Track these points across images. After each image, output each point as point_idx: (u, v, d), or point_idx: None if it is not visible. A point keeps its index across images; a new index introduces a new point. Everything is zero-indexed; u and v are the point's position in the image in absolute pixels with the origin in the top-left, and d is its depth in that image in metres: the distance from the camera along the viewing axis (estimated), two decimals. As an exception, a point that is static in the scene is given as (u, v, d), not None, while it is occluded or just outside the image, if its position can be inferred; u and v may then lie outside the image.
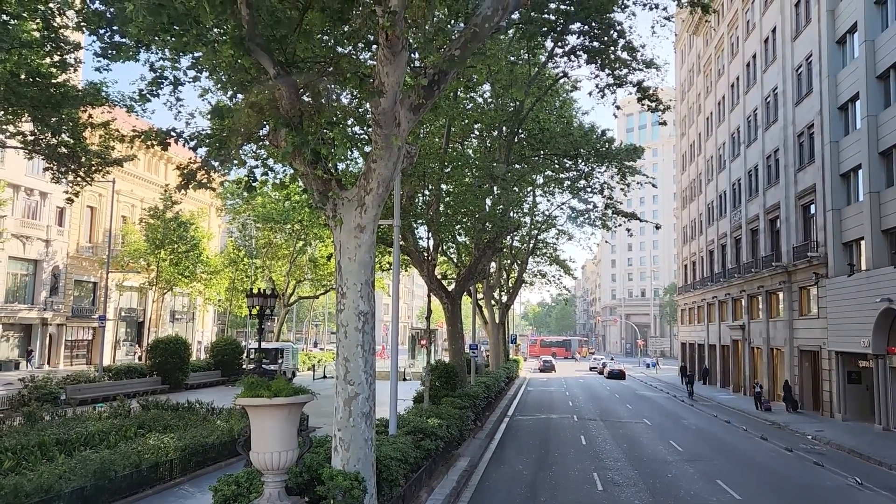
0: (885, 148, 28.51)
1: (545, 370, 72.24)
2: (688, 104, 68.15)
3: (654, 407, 38.40)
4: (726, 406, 39.90)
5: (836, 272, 32.21)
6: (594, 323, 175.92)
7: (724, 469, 19.77)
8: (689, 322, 65.43)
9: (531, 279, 56.70)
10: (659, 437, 25.90)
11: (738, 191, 49.15)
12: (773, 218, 41.71)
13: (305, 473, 10.03)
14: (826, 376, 33.58)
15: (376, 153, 10.35)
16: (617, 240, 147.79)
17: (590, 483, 17.22)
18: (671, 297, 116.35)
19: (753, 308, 45.74)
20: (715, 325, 54.86)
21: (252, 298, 27.17)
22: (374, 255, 10.75)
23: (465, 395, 23.03)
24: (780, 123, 40.42)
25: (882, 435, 26.97)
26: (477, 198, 20.87)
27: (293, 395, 7.99)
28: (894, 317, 27.31)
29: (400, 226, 14.88)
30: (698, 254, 61.67)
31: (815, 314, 34.97)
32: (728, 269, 50.31)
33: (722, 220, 53.32)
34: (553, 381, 59.65)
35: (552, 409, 34.89)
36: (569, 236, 51.76)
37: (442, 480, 15.84)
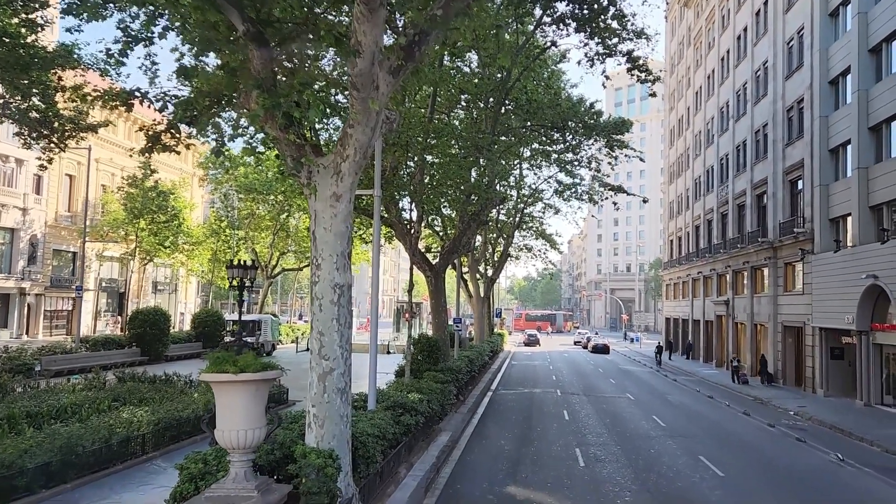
0: (875, 123, 28.22)
1: (530, 344, 72.37)
2: (677, 78, 67.56)
3: (637, 382, 38.43)
4: (709, 381, 40.00)
5: (823, 248, 32.10)
6: (579, 297, 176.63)
7: (707, 445, 19.66)
8: (674, 297, 65.59)
9: (517, 253, 56.44)
10: (642, 412, 25.82)
11: (726, 166, 48.88)
12: (760, 193, 41.51)
13: (277, 451, 9.66)
14: (809, 352, 33.64)
15: (353, 118, 9.84)
16: (603, 214, 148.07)
17: (572, 459, 17.02)
18: (656, 272, 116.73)
19: (738, 284, 45.75)
20: (699, 301, 54.96)
21: (232, 270, 26.69)
22: (350, 225, 10.29)
23: (448, 370, 22.75)
24: (769, 98, 40.03)
25: (863, 411, 27.05)
26: (462, 168, 20.37)
27: (261, 370, 7.57)
28: (878, 293, 27.24)
29: (381, 196, 14.39)
30: (684, 229, 61.60)
31: (800, 290, 34.94)
32: (714, 244, 50.24)
33: (709, 195, 53.13)
34: (537, 355, 59.74)
35: (536, 384, 34.79)
36: (555, 210, 51.38)
37: (422, 456, 15.57)
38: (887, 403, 27.41)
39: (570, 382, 36.24)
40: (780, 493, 14.70)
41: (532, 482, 14.64)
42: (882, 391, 27.75)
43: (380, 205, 14.34)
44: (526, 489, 14.08)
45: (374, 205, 14.42)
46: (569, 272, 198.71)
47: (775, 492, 14.75)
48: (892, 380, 27.54)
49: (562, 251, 57.06)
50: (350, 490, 9.95)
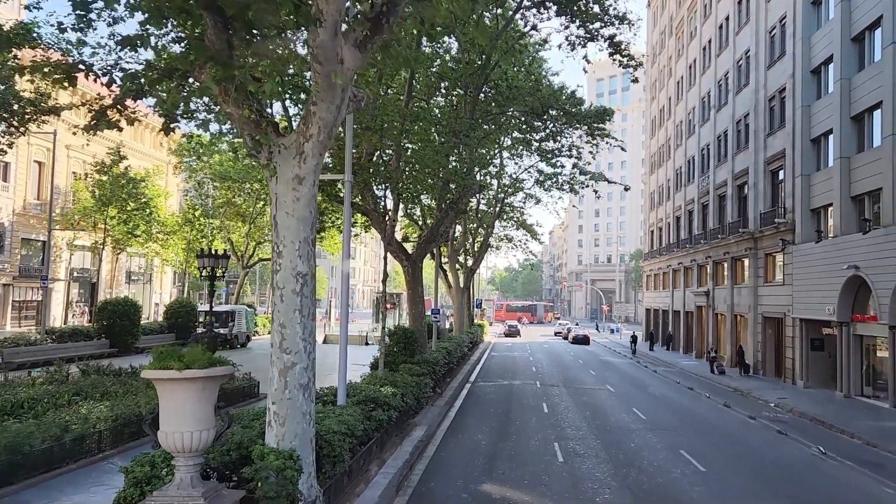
0: (857, 112, 27.93)
1: (510, 335, 72.06)
2: (659, 68, 67.25)
3: (617, 373, 38.13)
4: (689, 372, 39.82)
5: (804, 239, 31.88)
6: (560, 288, 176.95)
7: (688, 438, 19.28)
8: (655, 288, 65.50)
9: (497, 243, 55.96)
10: (622, 405, 25.43)
11: (707, 156, 48.63)
12: (741, 184, 41.28)
13: (234, 451, 9.02)
14: (789, 343, 33.48)
15: (317, 94, 9.16)
16: (584, 205, 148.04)
17: (550, 454, 16.52)
18: (637, 263, 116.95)
19: (718, 274, 45.60)
20: (680, 291, 54.84)
21: (203, 259, 25.90)
22: (314, 210, 9.63)
23: (425, 362, 22.16)
24: (751, 87, 39.73)
25: (843, 402, 26.88)
26: (440, 155, 19.71)
27: (209, 366, 6.92)
28: (859, 284, 27.03)
29: (353, 182, 13.71)
30: (665, 220, 61.43)
31: (781, 281, 34.76)
32: (694, 235, 50.05)
33: (690, 185, 52.90)
34: (517, 345, 59.40)
35: (515, 375, 34.34)
36: (536, 200, 50.87)
37: (395, 452, 14.98)
38: (867, 395, 27.27)
39: (550, 374, 35.84)
40: (763, 488, 14.30)
41: (509, 479, 14.11)
42: (862, 382, 27.60)
43: (351, 190, 13.66)
44: (502, 487, 13.54)
45: (345, 190, 13.75)
46: (550, 263, 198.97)
47: (758, 487, 14.35)
48: (873, 371, 27.39)
49: (542, 241, 56.68)
50: (313, 492, 9.34)
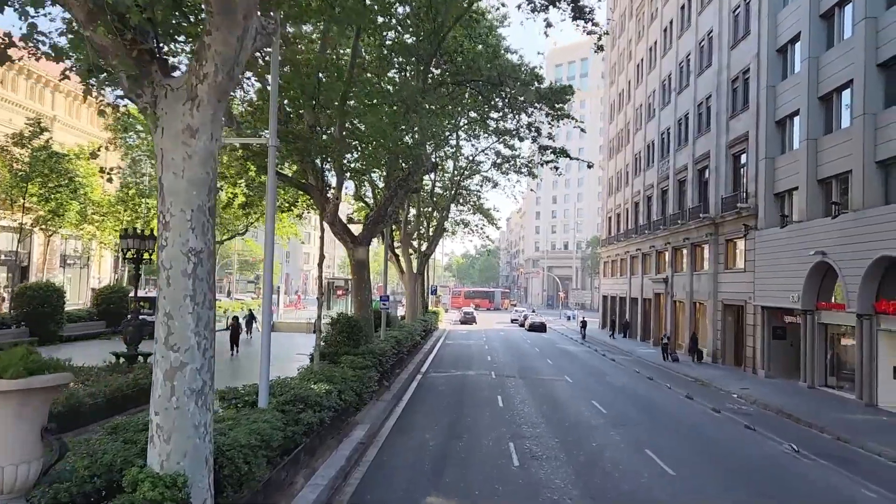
0: (825, 92, 26.87)
1: (466, 322, 70.49)
2: (618, 51, 66.13)
3: (575, 362, 36.85)
4: (646, 360, 38.82)
5: (767, 224, 30.90)
6: (517, 275, 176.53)
7: (652, 435, 17.88)
8: (612, 275, 64.71)
9: (453, 228, 54.28)
10: (581, 397, 24.00)
11: (667, 140, 47.62)
12: (702, 168, 40.28)
13: (101, 477, 7.09)
14: (750, 332, 32.59)
15: (210, 21, 7.20)
16: (542, 192, 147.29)
17: (505, 456, 14.88)
18: (593, 250, 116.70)
19: (678, 261, 44.72)
20: (638, 278, 54.00)
21: (126, 240, 23.62)
22: (214, 172, 7.69)
23: (370, 353, 20.34)
24: (714, 68, 38.64)
25: (808, 393, 25.96)
26: (385, 123, 17.76)
27: (29, 374, 4.96)
28: (826, 271, 26.09)
29: (277, 146, 11.73)
30: (623, 205, 60.52)
31: (742, 268, 33.83)
32: (653, 220, 49.11)
33: (649, 170, 51.93)
34: (473, 333, 57.90)
35: (469, 365, 32.73)
36: (493, 183, 49.38)
37: (329, 458, 13.14)
38: (831, 385, 26.41)
39: (506, 363, 34.33)
40: (738, 493, 12.91)
41: (457, 489, 12.40)
42: (826, 372, 26.74)
43: (274, 156, 11.67)
44: (448, 499, 11.83)
45: (269, 156, 11.75)
46: (507, 250, 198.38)
47: (732, 492, 12.95)
48: (837, 361, 26.53)
49: (500, 227, 55.18)
50: (208, 525, 7.48)
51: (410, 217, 41.31)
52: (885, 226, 21.84)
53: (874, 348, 22.81)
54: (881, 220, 22.11)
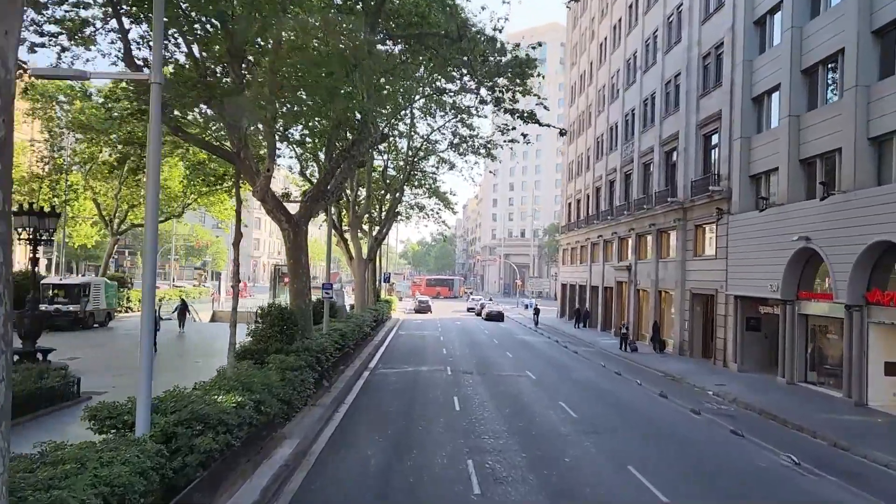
0: (809, 64, 24.79)
1: (420, 311, 67.70)
2: (580, 31, 63.95)
3: (536, 355, 34.50)
4: (610, 352, 36.76)
5: (742, 208, 28.89)
6: (473, 262, 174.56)
7: (632, 445, 15.48)
8: (572, 262, 62.76)
9: (407, 212, 51.47)
10: (547, 397, 21.56)
11: (632, 122, 45.53)
12: (670, 150, 38.24)
13: None
14: (721, 322, 30.66)
15: None
16: (499, 178, 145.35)
17: (463, 480, 12.24)
18: (550, 238, 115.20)
19: (642, 248, 42.77)
20: (598, 266, 52.04)
21: (21, 217, 20.28)
22: (10, 122, 4.76)
23: (306, 350, 17.50)
24: (683, 44, 36.50)
25: (788, 391, 23.99)
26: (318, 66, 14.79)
27: None
28: (808, 258, 24.13)
29: (161, 83, 8.75)
30: (584, 191, 58.49)
31: (713, 255, 31.87)
32: (616, 206, 47.08)
33: (612, 154, 49.86)
34: (428, 323, 55.24)
35: (423, 360, 30.05)
36: (450, 165, 46.62)
37: (239, 491, 10.31)
38: (811, 381, 24.52)
39: (463, 357, 31.76)
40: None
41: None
42: (806, 367, 24.84)
43: (159, 97, 8.70)
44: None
45: (151, 98, 8.77)
46: (463, 237, 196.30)
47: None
48: (819, 355, 24.65)
49: (456, 212, 52.56)
50: None
51: (361, 199, 38.32)
52: (881, 208, 19.83)
53: (864, 342, 20.88)
54: (876, 202, 20.10)
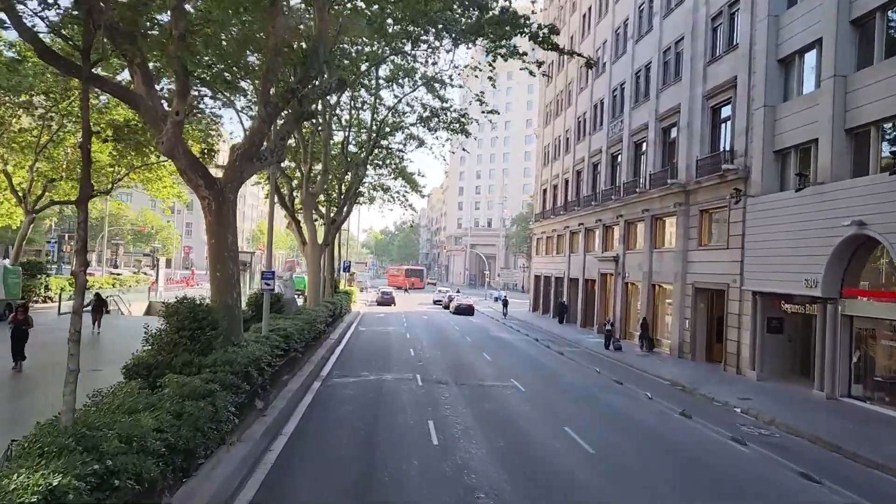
0: (862, 13, 20.52)
1: (383, 303, 62.57)
2: (558, 4, 59.41)
3: (519, 357, 29.90)
4: (598, 353, 32.48)
5: (765, 189, 24.65)
6: (437, 253, 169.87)
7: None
8: (547, 253, 58.42)
9: (370, 193, 46.42)
10: (546, 421, 16.90)
11: (621, 97, 41.18)
12: (669, 126, 33.93)
13: None
14: (734, 322, 26.45)
15: None
16: (466, 165, 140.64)
17: None
18: (519, 227, 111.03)
19: (631, 237, 38.52)
20: (578, 257, 47.76)
21: None
22: None
23: (228, 364, 12.56)
24: (687, 6, 32.13)
25: (831, 408, 19.77)
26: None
27: None
28: (856, 248, 19.94)
29: None
30: (562, 176, 54.11)
31: (723, 244, 27.66)
32: (602, 191, 42.74)
33: (596, 134, 45.50)
34: (392, 317, 50.27)
35: (387, 364, 25.16)
36: (419, 142, 41.66)
37: None
38: (857, 395, 20.36)
39: (434, 361, 26.97)
40: None
41: None
42: (850, 379, 20.66)
43: None
44: None
45: None
46: (427, 227, 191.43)
47: None
48: (867, 364, 20.49)
49: (424, 195, 47.64)
50: None
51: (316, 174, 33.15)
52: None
53: (941, 353, 16.73)
54: (966, 177, 15.89)
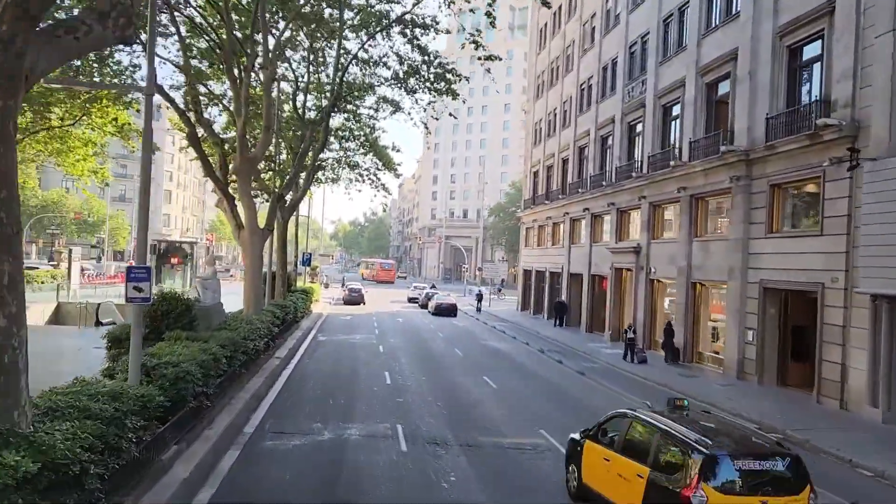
0: None
1: (351, 302, 54.00)
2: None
3: (534, 384, 22.12)
4: (622, 369, 25.21)
5: (892, 150, 17.26)
6: (409, 245, 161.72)
7: None
8: (539, 244, 50.89)
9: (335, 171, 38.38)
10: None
11: (641, 53, 33.73)
12: (717, 80, 26.56)
13: None
14: (837, 336, 19.06)
15: None
16: (440, 153, 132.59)
17: None
18: (496, 218, 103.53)
19: (658, 223, 31.15)
20: (582, 248, 40.31)
21: None
22: None
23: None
24: (746, -80, 24.62)
25: None
26: None
27: None
28: None
29: None
30: (558, 154, 46.59)
31: (816, 229, 20.28)
32: (616, 168, 35.26)
33: (605, 101, 38.00)
34: (361, 319, 42.16)
35: (351, 405, 17.07)
36: (394, 107, 33.74)
37: None
38: None
39: (420, 394, 19.07)
40: None
41: None
42: None
43: None
44: None
45: None
46: (399, 219, 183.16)
47: None
48: None
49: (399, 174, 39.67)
50: None
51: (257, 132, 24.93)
52: None
53: None
54: None
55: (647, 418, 9.35)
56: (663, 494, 8.15)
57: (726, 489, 7.82)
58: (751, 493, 7.89)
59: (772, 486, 7.98)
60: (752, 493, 7.88)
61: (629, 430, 9.40)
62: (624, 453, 9.23)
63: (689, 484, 7.81)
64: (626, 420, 9.64)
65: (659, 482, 8.29)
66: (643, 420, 9.33)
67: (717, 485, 7.80)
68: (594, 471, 9.87)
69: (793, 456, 8.41)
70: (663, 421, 9.10)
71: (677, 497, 7.87)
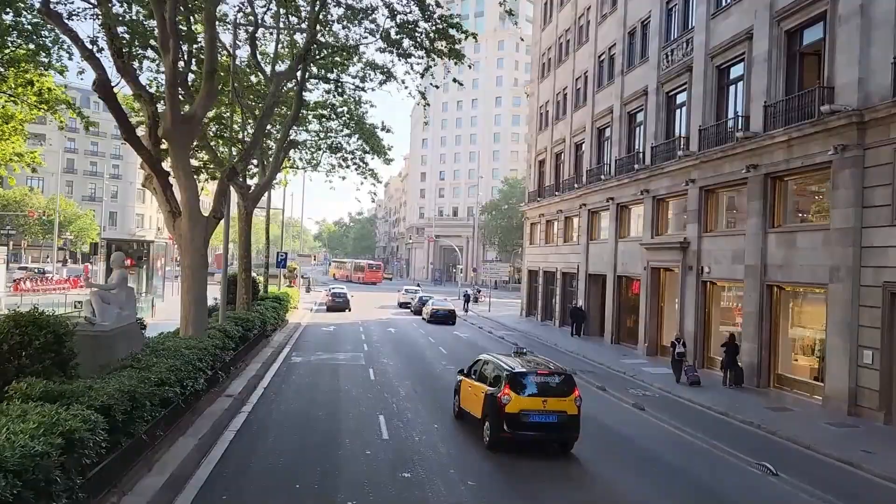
0: None
1: (335, 308, 47.42)
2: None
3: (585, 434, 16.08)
4: (676, 396, 19.20)
5: None
6: (396, 246, 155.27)
7: None
8: (547, 241, 44.90)
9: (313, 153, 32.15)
10: None
11: (685, 5, 27.88)
12: (801, 25, 20.76)
13: None
14: None
15: None
16: (429, 149, 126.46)
17: None
18: (489, 216, 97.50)
19: (712, 212, 25.31)
20: (604, 245, 34.46)
21: None
22: None
23: None
24: None
25: None
26: None
27: None
28: None
29: None
30: (570, 139, 40.69)
31: None
32: (652, 146, 29.34)
33: (632, 72, 32.22)
34: (346, 330, 35.75)
35: (331, 492, 11.04)
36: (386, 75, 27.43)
37: None
38: None
39: (436, 458, 12.99)
40: None
41: None
42: None
43: None
44: None
45: None
46: (385, 218, 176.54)
47: None
48: None
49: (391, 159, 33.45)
50: None
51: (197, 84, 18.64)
52: None
53: None
54: None
55: (493, 359, 14.61)
56: (491, 400, 13.20)
57: (522, 393, 12.93)
58: (539, 395, 13.02)
59: (551, 392, 13.14)
60: (540, 396, 13.01)
61: (483, 367, 14.62)
62: (478, 381, 14.44)
63: (503, 391, 12.89)
64: (480, 361, 14.98)
65: (491, 393, 13.39)
66: (491, 360, 14.52)
67: (517, 391, 12.91)
68: (464, 395, 15.16)
69: (566, 374, 13.85)
70: (501, 359, 14.42)
71: (497, 400, 12.87)
